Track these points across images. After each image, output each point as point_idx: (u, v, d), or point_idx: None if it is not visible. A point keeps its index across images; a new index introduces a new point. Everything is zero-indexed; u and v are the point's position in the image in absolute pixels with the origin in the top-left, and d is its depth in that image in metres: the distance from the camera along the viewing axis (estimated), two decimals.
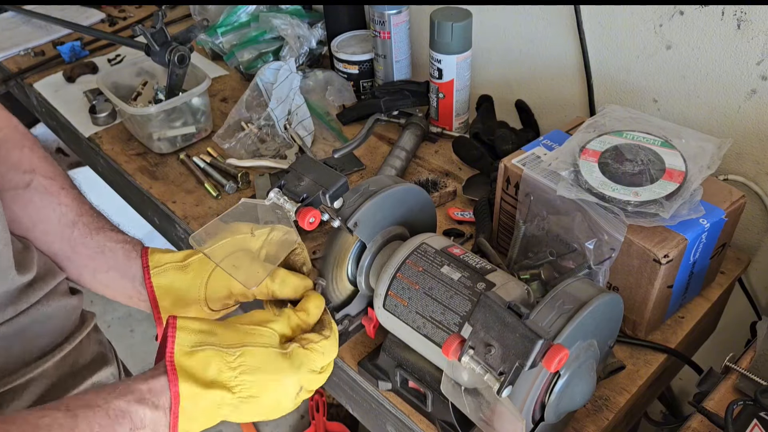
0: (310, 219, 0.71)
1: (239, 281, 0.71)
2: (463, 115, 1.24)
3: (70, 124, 1.39)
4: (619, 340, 0.85)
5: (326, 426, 1.82)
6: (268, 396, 0.63)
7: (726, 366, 0.78)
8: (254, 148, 1.23)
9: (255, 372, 0.62)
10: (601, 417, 0.78)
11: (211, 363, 0.61)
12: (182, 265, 0.78)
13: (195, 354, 0.61)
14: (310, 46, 1.39)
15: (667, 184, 0.77)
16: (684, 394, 1.29)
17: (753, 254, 1.02)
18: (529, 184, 0.86)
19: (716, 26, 0.91)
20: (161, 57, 1.17)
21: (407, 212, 0.80)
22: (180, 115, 1.24)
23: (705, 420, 0.73)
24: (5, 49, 1.63)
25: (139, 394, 0.58)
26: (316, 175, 0.75)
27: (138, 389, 0.58)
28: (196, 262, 0.78)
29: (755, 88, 0.91)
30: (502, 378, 0.58)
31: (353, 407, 0.94)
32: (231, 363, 0.61)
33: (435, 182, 1.12)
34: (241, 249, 0.75)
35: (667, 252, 0.75)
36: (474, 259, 0.74)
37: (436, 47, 1.15)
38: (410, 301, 0.72)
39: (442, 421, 0.77)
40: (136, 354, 2.17)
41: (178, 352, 0.61)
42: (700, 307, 0.90)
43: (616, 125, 0.86)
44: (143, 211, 1.29)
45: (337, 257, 0.78)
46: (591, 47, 1.07)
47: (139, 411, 0.57)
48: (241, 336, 0.64)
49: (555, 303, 0.63)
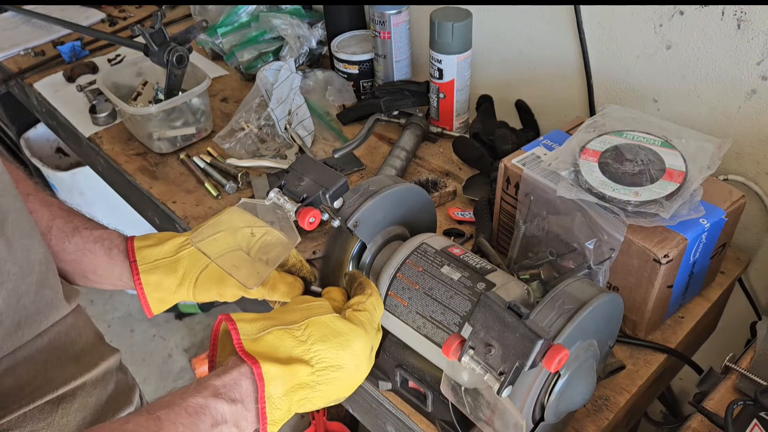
0: (310, 219, 0.71)
1: (239, 281, 0.70)
2: (463, 115, 1.24)
3: (70, 124, 1.39)
4: (619, 340, 0.85)
5: (326, 426, 1.82)
6: (346, 360, 0.62)
7: (726, 366, 0.78)
8: (254, 148, 1.23)
9: (326, 339, 0.61)
10: (601, 417, 0.78)
11: (281, 342, 0.59)
12: (172, 260, 0.76)
13: (263, 338, 0.59)
14: (310, 46, 1.39)
15: (667, 184, 0.77)
16: (684, 394, 1.28)
17: (753, 254, 1.02)
18: (529, 184, 0.86)
19: (716, 26, 0.91)
20: (160, 57, 1.17)
21: (407, 212, 0.80)
22: (180, 115, 1.24)
23: (705, 420, 0.73)
24: (5, 49, 1.63)
25: (213, 389, 0.56)
26: (316, 175, 0.75)
27: (211, 385, 0.57)
28: (186, 258, 0.76)
29: (755, 88, 0.91)
30: (502, 378, 0.58)
31: (353, 407, 0.94)
32: (300, 337, 0.60)
33: (435, 182, 1.12)
34: (240, 248, 0.75)
35: (667, 252, 0.75)
36: (474, 259, 0.74)
37: (437, 47, 1.15)
38: (410, 301, 0.72)
39: (442, 421, 0.77)
40: (135, 354, 2.18)
41: (246, 341, 0.59)
42: (700, 307, 0.90)
43: (616, 125, 0.86)
44: (143, 211, 1.29)
45: (337, 257, 0.78)
46: (591, 47, 1.07)
47: (218, 405, 0.56)
48: (301, 312, 0.63)
49: (555, 303, 0.63)
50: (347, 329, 0.63)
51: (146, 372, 2.12)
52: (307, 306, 0.65)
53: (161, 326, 2.26)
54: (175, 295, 0.77)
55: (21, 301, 0.62)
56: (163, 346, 2.21)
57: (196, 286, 0.76)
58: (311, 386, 0.60)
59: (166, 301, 0.77)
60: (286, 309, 0.65)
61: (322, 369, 0.61)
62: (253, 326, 0.60)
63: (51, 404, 0.67)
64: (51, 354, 0.68)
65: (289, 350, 0.60)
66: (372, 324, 0.66)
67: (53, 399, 0.67)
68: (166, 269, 0.76)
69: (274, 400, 0.58)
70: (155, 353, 2.19)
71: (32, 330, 0.65)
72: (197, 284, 0.76)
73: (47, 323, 0.67)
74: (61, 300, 0.69)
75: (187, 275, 0.76)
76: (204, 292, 0.76)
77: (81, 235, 0.77)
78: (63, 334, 0.69)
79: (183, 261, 0.76)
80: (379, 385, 0.82)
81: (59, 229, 0.76)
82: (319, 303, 0.66)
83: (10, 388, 0.63)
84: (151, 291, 0.76)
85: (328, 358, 0.61)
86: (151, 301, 0.76)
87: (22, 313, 0.63)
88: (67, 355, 0.70)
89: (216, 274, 0.75)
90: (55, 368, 0.68)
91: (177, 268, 0.76)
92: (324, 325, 0.62)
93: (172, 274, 0.76)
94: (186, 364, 2.14)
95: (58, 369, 0.68)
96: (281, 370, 0.58)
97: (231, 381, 0.57)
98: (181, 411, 0.55)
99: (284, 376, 0.58)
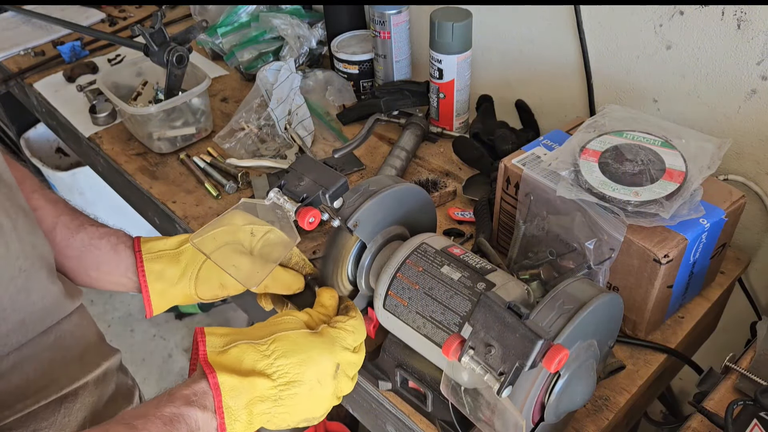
0: (310, 219, 0.71)
1: (239, 281, 0.71)
2: (463, 115, 1.24)
3: (70, 124, 1.39)
4: (619, 340, 0.85)
5: (326, 426, 1.82)
6: (308, 376, 0.62)
7: (726, 366, 0.78)
8: (254, 148, 1.23)
9: (289, 354, 0.62)
10: (601, 417, 0.78)
11: (245, 355, 0.61)
12: (175, 253, 0.78)
13: (228, 351, 0.61)
14: (310, 46, 1.39)
15: (667, 184, 0.77)
16: (684, 394, 1.29)
17: (753, 254, 1.02)
18: (529, 184, 0.86)
19: (716, 26, 0.91)
20: (160, 57, 1.17)
21: (407, 212, 0.80)
22: (180, 115, 1.24)
23: (705, 420, 0.73)
24: (5, 49, 1.63)
25: (185, 398, 0.58)
26: (316, 175, 0.75)
27: (183, 395, 0.58)
28: (189, 250, 0.78)
29: (755, 88, 0.91)
30: (502, 378, 0.58)
31: (353, 407, 0.94)
32: (265, 351, 0.62)
33: (435, 182, 1.12)
34: (240, 248, 0.75)
35: (667, 252, 0.75)
36: (474, 259, 0.74)
37: (437, 47, 1.15)
38: (410, 301, 0.72)
39: (442, 421, 0.77)
40: (135, 354, 2.18)
41: (211, 353, 0.61)
42: (700, 307, 0.90)
43: (616, 125, 0.86)
44: (143, 211, 1.29)
45: (337, 257, 0.78)
46: (591, 47, 1.07)
47: (191, 413, 0.57)
48: (270, 327, 0.65)
49: (555, 303, 0.63)
50: (312, 345, 0.64)
51: (146, 372, 2.12)
52: (278, 321, 0.67)
53: (161, 326, 2.26)
54: (177, 288, 0.77)
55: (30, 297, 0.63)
56: (163, 346, 2.21)
57: (198, 278, 0.77)
58: (273, 400, 0.61)
59: (167, 296, 0.78)
60: (257, 325, 0.66)
61: (284, 384, 0.61)
62: (221, 340, 0.62)
63: (55, 403, 0.67)
64: (57, 353, 0.68)
65: (253, 363, 0.61)
66: (343, 343, 0.67)
67: (57, 399, 0.67)
68: (169, 259, 0.77)
69: (233, 411, 0.59)
70: (155, 353, 2.19)
71: (37, 327, 0.65)
72: (199, 276, 0.77)
73: (51, 320, 0.67)
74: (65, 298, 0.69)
75: (189, 266, 0.77)
76: (206, 283, 0.77)
77: (87, 231, 0.78)
78: (68, 333, 0.70)
79: (186, 253, 0.78)
80: (379, 385, 0.82)
81: (65, 225, 0.77)
82: (290, 319, 0.67)
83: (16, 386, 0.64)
84: (153, 281, 0.77)
85: (290, 373, 0.62)
86: (153, 294, 0.77)
87: (28, 309, 0.63)
88: (72, 355, 0.70)
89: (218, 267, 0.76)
90: (60, 367, 0.69)
91: (180, 260, 0.77)
92: (290, 340, 0.64)
93: (175, 264, 0.77)
94: (186, 364, 2.13)
95: (62, 368, 0.69)
96: (239, 381, 0.59)
97: (200, 390, 0.58)
98: (157, 420, 0.56)
99: (242, 387, 0.59)
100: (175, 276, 0.77)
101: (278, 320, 0.67)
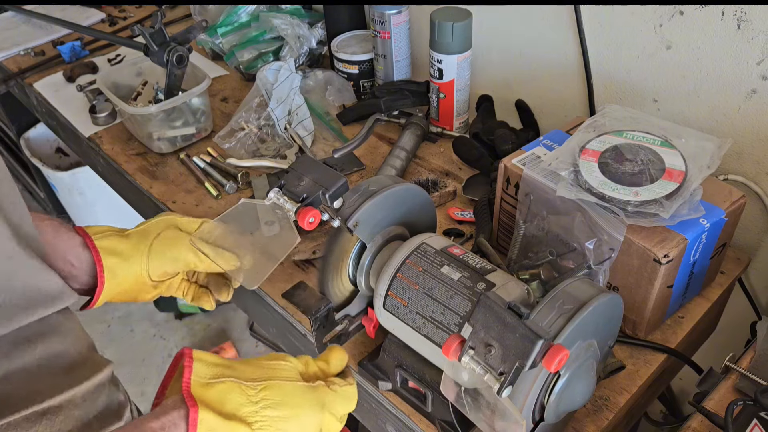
0: (310, 219, 0.71)
1: (240, 281, 0.71)
2: (463, 115, 1.24)
3: (70, 124, 1.39)
4: (619, 340, 0.85)
5: None
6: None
7: (726, 366, 0.78)
8: (254, 148, 1.23)
9: (277, 407, 0.59)
10: (601, 417, 0.78)
11: (230, 396, 0.57)
12: (120, 231, 0.79)
13: (213, 386, 0.57)
14: (310, 46, 1.39)
15: (667, 183, 0.77)
16: (684, 394, 1.29)
17: (753, 254, 1.02)
18: (529, 184, 0.86)
19: (716, 26, 0.91)
20: (160, 57, 1.17)
21: (407, 212, 0.80)
22: (180, 115, 1.24)
23: (705, 420, 0.73)
24: (5, 49, 1.63)
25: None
26: (316, 175, 0.75)
27: (149, 428, 0.54)
28: (135, 232, 0.79)
29: (755, 88, 0.91)
30: (502, 378, 0.58)
31: None
32: (252, 397, 0.58)
33: (435, 182, 1.12)
34: (240, 248, 0.75)
35: (667, 252, 0.75)
36: (474, 259, 0.74)
37: (437, 47, 1.15)
38: (410, 301, 0.72)
39: (442, 421, 0.77)
40: (135, 354, 2.18)
41: (195, 384, 0.56)
42: (700, 307, 0.90)
43: (616, 125, 0.86)
44: (143, 211, 1.29)
45: (337, 257, 0.78)
46: (591, 47, 1.07)
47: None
48: (263, 370, 0.61)
49: (555, 303, 0.63)
50: (302, 403, 0.61)
51: (146, 372, 2.12)
52: (273, 365, 0.63)
53: (161, 326, 2.26)
54: (129, 263, 0.77)
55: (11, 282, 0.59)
56: (163, 346, 2.21)
57: (150, 252, 0.78)
58: None
59: (118, 276, 0.77)
60: (251, 362, 0.63)
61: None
62: (210, 370, 0.58)
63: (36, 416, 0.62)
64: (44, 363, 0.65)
65: (237, 407, 0.57)
66: (333, 408, 0.64)
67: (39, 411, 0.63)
68: (117, 237, 0.78)
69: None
70: (155, 353, 2.19)
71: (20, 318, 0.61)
72: (152, 250, 0.78)
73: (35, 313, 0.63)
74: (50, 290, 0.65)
75: (139, 243, 0.79)
76: (158, 257, 0.78)
77: None
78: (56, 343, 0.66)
79: (133, 235, 0.79)
80: (379, 385, 0.82)
81: None
82: (286, 366, 0.64)
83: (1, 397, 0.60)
84: (106, 255, 0.76)
85: (272, 428, 0.58)
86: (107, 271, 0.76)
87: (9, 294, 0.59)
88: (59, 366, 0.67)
89: (169, 240, 0.79)
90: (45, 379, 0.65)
91: (129, 237, 0.79)
92: (282, 391, 0.60)
93: (124, 240, 0.78)
94: None
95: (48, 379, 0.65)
96: (219, 423, 0.55)
97: (169, 422, 0.54)
98: None
99: (220, 430, 0.55)
100: (127, 250, 0.77)
101: (274, 364, 0.63)
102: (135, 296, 0.82)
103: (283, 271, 0.99)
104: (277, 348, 2.10)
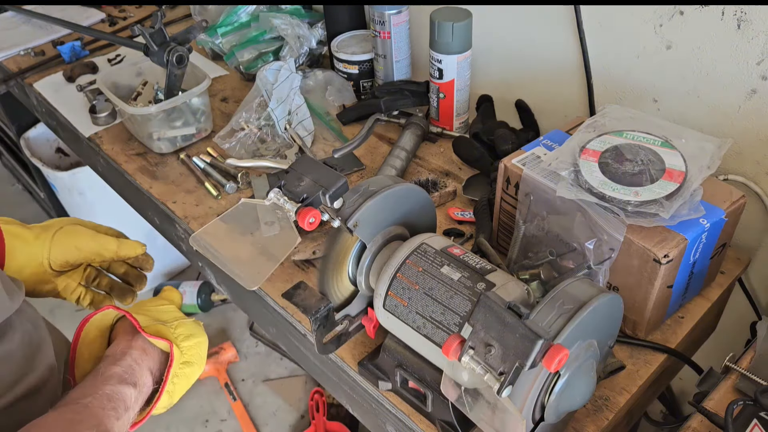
0: (310, 219, 0.71)
1: (240, 282, 0.71)
2: (463, 115, 1.24)
3: (70, 124, 1.39)
4: (619, 340, 0.85)
5: (326, 426, 1.82)
6: (201, 347, 0.78)
7: (726, 366, 0.78)
8: (254, 148, 1.23)
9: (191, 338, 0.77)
10: (601, 417, 0.78)
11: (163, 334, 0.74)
12: (23, 223, 0.86)
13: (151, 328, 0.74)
14: (310, 46, 1.39)
15: (667, 184, 0.77)
16: (684, 394, 1.29)
17: (753, 254, 1.02)
18: (529, 184, 0.86)
19: (716, 26, 0.91)
20: (160, 57, 1.17)
21: (407, 212, 0.80)
22: (180, 115, 1.24)
23: (705, 420, 0.74)
24: (5, 49, 1.63)
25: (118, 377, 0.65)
26: (316, 175, 0.75)
27: (116, 373, 0.66)
28: (38, 225, 0.86)
29: (755, 88, 0.91)
30: (502, 378, 0.58)
31: (353, 407, 0.94)
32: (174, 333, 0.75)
33: (435, 182, 1.12)
34: (240, 249, 0.75)
35: (667, 252, 0.75)
36: (474, 259, 0.74)
37: (437, 47, 1.15)
38: (410, 301, 0.72)
39: (442, 421, 0.77)
40: None
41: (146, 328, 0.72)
42: (700, 307, 0.90)
43: (616, 125, 0.86)
44: (143, 211, 1.29)
45: (337, 257, 0.78)
46: (591, 47, 1.07)
47: (126, 391, 0.64)
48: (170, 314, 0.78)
49: (555, 303, 0.63)
50: (200, 330, 0.80)
51: None
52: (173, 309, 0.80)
53: None
54: (31, 248, 0.83)
55: None
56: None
57: (53, 240, 0.84)
58: None
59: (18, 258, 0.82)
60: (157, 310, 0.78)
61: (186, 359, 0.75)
62: (142, 319, 0.73)
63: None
64: None
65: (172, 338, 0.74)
66: None
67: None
68: (20, 225, 0.85)
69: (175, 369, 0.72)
70: None
71: None
72: (54, 239, 0.85)
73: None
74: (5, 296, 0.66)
75: (42, 232, 0.85)
76: (61, 245, 0.85)
77: None
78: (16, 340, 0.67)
79: (36, 227, 0.86)
80: (379, 385, 0.82)
81: None
82: (173, 306, 0.81)
83: None
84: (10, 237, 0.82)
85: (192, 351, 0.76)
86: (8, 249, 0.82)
87: None
88: None
89: (72, 231, 0.86)
90: None
91: (32, 228, 0.86)
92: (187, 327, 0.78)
93: (27, 229, 0.85)
94: None
95: None
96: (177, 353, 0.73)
97: (127, 366, 0.67)
98: (104, 398, 0.62)
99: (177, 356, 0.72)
100: (30, 237, 0.83)
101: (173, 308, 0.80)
102: (33, 286, 0.86)
103: (283, 271, 0.99)
104: (277, 348, 2.10)
